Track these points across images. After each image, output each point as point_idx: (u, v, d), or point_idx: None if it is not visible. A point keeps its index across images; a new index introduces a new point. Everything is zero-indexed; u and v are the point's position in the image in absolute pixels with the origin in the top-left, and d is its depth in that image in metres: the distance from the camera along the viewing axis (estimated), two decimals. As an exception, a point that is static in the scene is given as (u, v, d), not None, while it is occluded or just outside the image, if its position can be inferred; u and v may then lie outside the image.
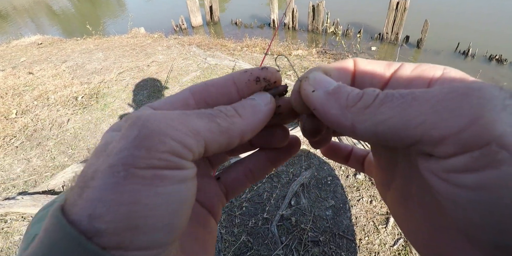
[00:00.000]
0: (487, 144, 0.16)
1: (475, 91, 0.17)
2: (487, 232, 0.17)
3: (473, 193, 0.16)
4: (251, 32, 8.47)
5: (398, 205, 0.28)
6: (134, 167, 0.18)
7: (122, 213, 0.17)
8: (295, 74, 4.30)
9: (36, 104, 3.90)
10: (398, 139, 0.19)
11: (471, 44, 6.33)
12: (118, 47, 5.98)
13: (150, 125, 0.19)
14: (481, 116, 0.16)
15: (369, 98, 0.21)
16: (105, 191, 0.18)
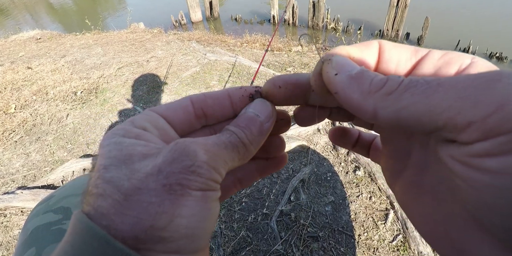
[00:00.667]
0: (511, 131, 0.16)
1: (504, 78, 0.17)
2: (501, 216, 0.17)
3: (495, 176, 0.17)
4: (251, 28, 8.44)
5: (407, 194, 0.28)
6: (189, 188, 0.22)
7: (183, 224, 0.22)
8: (294, 70, 4.29)
9: (35, 99, 3.89)
10: (420, 125, 0.20)
11: (472, 42, 6.32)
12: (117, 43, 5.95)
13: (201, 158, 0.23)
14: (508, 102, 0.16)
15: (393, 84, 0.21)
16: (164, 206, 0.21)
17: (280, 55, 5.23)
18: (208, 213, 0.24)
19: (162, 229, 0.21)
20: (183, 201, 0.22)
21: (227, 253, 1.81)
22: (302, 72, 4.22)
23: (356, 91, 0.22)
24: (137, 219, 0.21)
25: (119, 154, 0.24)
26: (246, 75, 4.13)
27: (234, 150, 0.27)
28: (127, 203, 0.21)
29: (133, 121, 0.27)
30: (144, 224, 0.21)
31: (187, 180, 0.22)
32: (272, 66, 4.45)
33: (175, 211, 0.22)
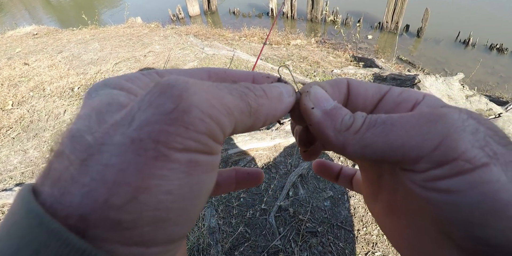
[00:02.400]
0: (455, 159, 0.20)
1: (441, 118, 0.21)
2: (459, 226, 0.20)
3: (446, 195, 0.20)
4: (249, 21, 8.37)
5: (385, 215, 0.31)
6: (168, 146, 0.16)
7: (150, 204, 0.15)
8: (293, 64, 4.26)
9: (32, 96, 3.86)
10: (382, 159, 0.23)
11: (472, 33, 6.26)
12: (114, 37, 5.90)
13: (189, 98, 0.17)
14: (446, 138, 0.20)
15: (358, 124, 0.24)
16: (126, 173, 0.15)
17: (279, 49, 5.18)
18: (194, 189, 0.17)
19: (120, 208, 0.14)
20: (156, 169, 0.15)
21: (225, 249, 1.81)
22: (301, 65, 4.19)
23: (329, 128, 0.25)
24: (88, 190, 0.14)
25: (97, 104, 0.19)
26: (245, 69, 4.10)
27: (242, 99, 0.21)
28: (83, 166, 0.15)
29: (130, 77, 0.22)
30: (96, 198, 0.14)
31: (165, 134, 0.16)
32: (270, 60, 4.42)
33: (142, 182, 0.15)
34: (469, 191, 0.19)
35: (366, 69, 4.01)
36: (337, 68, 4.14)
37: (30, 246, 0.13)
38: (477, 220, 0.19)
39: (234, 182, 0.35)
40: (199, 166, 0.17)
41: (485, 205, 0.19)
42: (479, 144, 0.20)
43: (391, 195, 0.29)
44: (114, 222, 0.14)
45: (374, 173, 0.32)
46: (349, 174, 0.41)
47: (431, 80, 3.19)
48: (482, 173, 0.19)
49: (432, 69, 5.31)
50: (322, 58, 4.68)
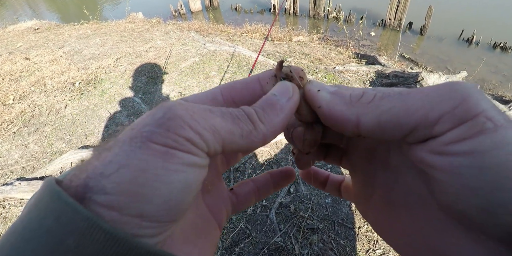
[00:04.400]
0: (476, 115, 0.20)
1: (460, 83, 0.22)
2: (481, 194, 0.19)
3: (468, 157, 0.19)
4: (251, 17, 8.32)
5: (380, 215, 0.31)
6: (151, 141, 0.20)
7: (129, 177, 0.19)
8: (295, 61, 4.24)
9: (33, 90, 3.85)
10: (399, 126, 0.22)
11: (476, 31, 6.22)
12: (115, 33, 5.88)
13: (175, 111, 0.21)
14: (468, 97, 0.20)
15: (370, 96, 0.24)
16: (119, 156, 0.19)
17: (281, 45, 5.16)
18: (168, 174, 0.20)
19: (107, 177, 0.19)
20: (138, 153, 0.19)
21: (225, 245, 1.81)
22: (303, 62, 4.16)
23: (339, 103, 0.25)
24: (93, 167, 0.19)
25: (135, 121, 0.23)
26: (246, 65, 4.08)
27: (234, 122, 0.23)
28: (98, 155, 0.20)
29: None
30: (95, 172, 0.19)
31: (151, 133, 0.20)
32: (272, 56, 4.40)
33: (124, 161, 0.19)
34: (492, 151, 0.19)
35: (369, 67, 3.99)
36: (339, 65, 4.12)
37: (53, 212, 0.18)
38: (501, 184, 0.18)
39: (272, 184, 0.38)
40: (176, 158, 0.20)
41: (509, 166, 0.18)
42: (497, 109, 0.20)
43: (387, 193, 0.29)
44: (102, 187, 0.19)
45: (366, 172, 0.32)
46: (337, 180, 0.41)
47: (434, 78, 3.17)
48: (505, 133, 0.19)
49: (435, 67, 5.27)
50: (324, 55, 4.65)
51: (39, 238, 0.17)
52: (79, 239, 0.17)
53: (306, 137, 0.30)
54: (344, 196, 0.40)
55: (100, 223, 0.17)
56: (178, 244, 0.25)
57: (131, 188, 0.19)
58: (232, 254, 1.76)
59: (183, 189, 0.21)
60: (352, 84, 3.60)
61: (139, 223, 0.19)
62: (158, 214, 0.20)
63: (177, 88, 3.69)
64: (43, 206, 0.19)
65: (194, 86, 3.71)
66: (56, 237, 0.17)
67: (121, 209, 0.18)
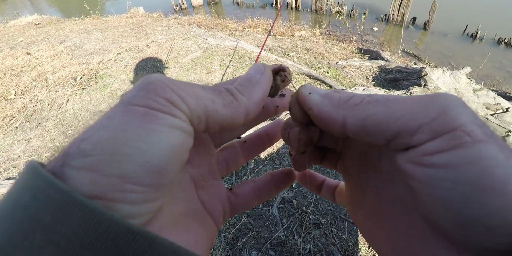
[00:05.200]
0: (454, 129, 0.20)
1: (443, 95, 0.22)
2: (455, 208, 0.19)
3: (443, 170, 0.20)
4: (253, 12, 8.27)
5: (369, 221, 0.31)
6: (130, 103, 0.20)
7: (108, 136, 0.18)
8: (297, 55, 4.21)
9: (35, 85, 3.84)
10: (381, 132, 0.23)
11: (480, 27, 6.16)
12: (116, 27, 5.85)
13: (155, 77, 0.22)
14: (448, 109, 0.21)
15: (358, 99, 0.25)
16: (100, 121, 0.20)
17: (283, 40, 5.13)
18: (150, 134, 0.19)
19: (86, 140, 0.18)
20: (119, 116, 0.19)
21: (228, 239, 1.81)
22: (305, 56, 4.14)
23: (328, 105, 0.26)
24: (75, 138, 0.20)
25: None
26: (248, 60, 4.06)
27: (215, 93, 0.25)
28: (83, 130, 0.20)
29: None
30: (76, 138, 0.19)
31: (134, 96, 0.20)
32: (274, 51, 4.37)
33: (105, 122, 0.19)
34: (467, 165, 0.19)
35: (372, 62, 3.96)
36: (342, 60, 4.09)
37: (30, 189, 0.18)
38: (474, 197, 0.18)
39: (273, 185, 0.38)
40: (157, 118, 0.20)
41: (484, 181, 0.18)
42: (478, 122, 0.20)
43: (375, 198, 0.30)
44: (81, 150, 0.18)
45: (359, 177, 0.33)
46: (332, 185, 0.41)
47: (438, 74, 3.14)
48: (481, 148, 0.19)
49: (438, 63, 5.23)
50: (327, 50, 4.62)
51: (14, 215, 0.17)
52: (56, 215, 0.16)
53: (301, 137, 0.31)
54: (337, 201, 0.40)
55: (77, 197, 0.17)
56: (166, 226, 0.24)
57: (110, 147, 0.18)
58: (235, 248, 1.76)
59: (166, 150, 0.20)
60: (355, 79, 3.58)
61: (121, 185, 0.18)
62: (141, 175, 0.19)
63: (179, 83, 3.68)
64: (21, 184, 0.18)
65: (195, 81, 3.69)
66: (33, 214, 0.17)
67: (102, 169, 0.18)
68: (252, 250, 1.74)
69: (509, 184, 0.18)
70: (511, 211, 0.18)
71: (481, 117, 2.51)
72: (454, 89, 2.94)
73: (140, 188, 0.19)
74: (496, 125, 2.40)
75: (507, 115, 2.50)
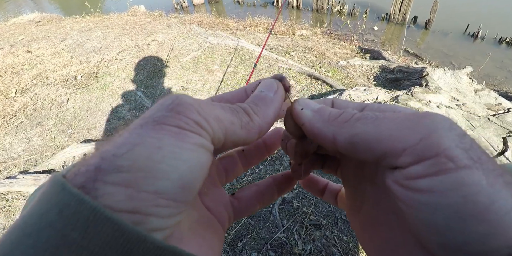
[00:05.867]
0: (436, 155, 0.20)
1: (430, 115, 0.22)
2: (437, 231, 0.19)
3: (426, 195, 0.20)
4: (254, 11, 8.24)
5: (364, 229, 0.32)
6: (163, 123, 0.20)
7: (145, 154, 0.19)
8: (298, 55, 4.20)
9: (35, 84, 3.84)
10: (369, 150, 0.23)
11: (481, 26, 6.14)
12: (117, 26, 5.84)
13: (183, 99, 0.22)
14: (433, 133, 0.20)
15: (348, 115, 0.26)
16: (131, 138, 0.20)
17: (284, 39, 5.11)
18: (183, 152, 0.20)
19: (120, 156, 0.19)
20: (152, 133, 0.20)
21: (228, 240, 1.81)
22: (306, 56, 4.13)
23: (319, 121, 0.27)
24: (103, 151, 0.19)
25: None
26: (249, 59, 4.05)
27: (233, 114, 0.26)
28: (106, 143, 0.20)
29: None
30: (107, 154, 0.19)
31: (163, 117, 0.21)
32: (275, 50, 4.36)
33: (139, 140, 0.19)
34: (449, 192, 0.19)
35: (373, 61, 3.95)
36: (343, 59, 4.08)
37: (57, 205, 0.17)
38: (456, 224, 0.18)
39: (275, 188, 0.38)
40: (188, 137, 0.21)
41: (465, 208, 0.18)
42: (463, 146, 0.20)
43: (372, 208, 0.30)
44: (116, 166, 0.18)
45: (358, 186, 0.33)
46: (335, 189, 0.42)
47: (439, 73, 3.13)
48: (464, 174, 0.19)
49: (440, 62, 5.22)
50: (328, 49, 4.61)
51: (40, 232, 0.16)
52: (84, 232, 0.16)
53: (297, 149, 0.32)
54: (339, 205, 0.41)
55: (106, 214, 0.17)
56: (187, 235, 0.25)
57: (148, 164, 0.19)
58: (235, 249, 1.76)
59: (196, 167, 0.21)
60: (356, 79, 3.57)
61: (156, 200, 0.19)
62: (174, 191, 0.20)
63: (180, 82, 3.67)
64: (46, 200, 0.18)
65: (196, 80, 3.69)
66: (60, 230, 0.16)
67: (138, 186, 0.18)
68: (253, 251, 1.74)
69: (491, 211, 0.18)
70: (493, 238, 0.18)
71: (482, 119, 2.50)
72: (456, 90, 2.93)
73: (173, 203, 0.20)
74: (497, 125, 2.39)
75: (508, 115, 2.49)
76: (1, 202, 2.25)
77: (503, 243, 0.18)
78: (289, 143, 0.33)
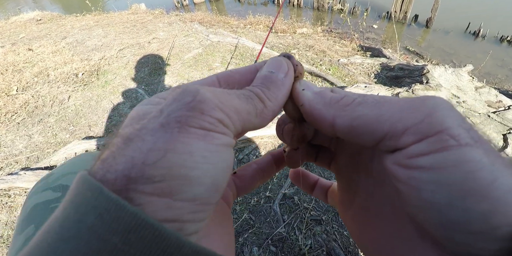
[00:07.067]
0: (439, 132, 0.20)
1: (432, 98, 0.22)
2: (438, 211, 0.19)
3: (428, 172, 0.20)
4: (254, 9, 8.24)
5: (358, 221, 0.32)
6: (188, 125, 0.20)
7: (178, 161, 0.18)
8: (299, 53, 4.20)
9: (37, 81, 3.85)
10: (370, 133, 0.23)
11: (482, 24, 6.13)
12: (118, 24, 5.84)
13: (204, 94, 0.21)
14: (435, 112, 0.21)
15: (349, 99, 0.25)
16: (158, 142, 0.19)
17: (285, 37, 5.11)
18: (213, 155, 0.20)
19: (152, 165, 0.18)
20: (180, 138, 0.19)
21: (229, 235, 1.81)
22: (307, 54, 4.13)
23: (319, 103, 0.27)
24: (129, 158, 0.18)
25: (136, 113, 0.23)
26: (250, 57, 4.05)
27: (248, 102, 0.25)
28: (125, 146, 0.19)
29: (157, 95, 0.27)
30: (135, 162, 0.18)
31: (186, 117, 0.20)
32: (276, 48, 4.36)
33: (169, 146, 0.19)
34: (452, 168, 0.19)
35: (373, 59, 3.95)
36: (343, 57, 4.08)
37: (95, 209, 0.17)
38: (458, 201, 0.18)
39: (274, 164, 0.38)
40: (214, 139, 0.20)
41: (467, 184, 0.18)
42: (465, 126, 0.20)
43: (366, 200, 0.30)
44: (149, 176, 0.18)
45: (351, 178, 0.33)
46: (325, 185, 0.42)
47: (440, 71, 3.14)
48: (466, 151, 0.19)
49: (440, 61, 5.21)
50: (329, 47, 4.61)
51: (79, 236, 0.17)
52: (125, 237, 0.17)
53: (295, 133, 0.32)
54: (329, 201, 0.41)
55: (148, 220, 0.17)
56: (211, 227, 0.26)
57: (182, 172, 0.18)
58: (236, 244, 1.77)
59: (225, 169, 0.21)
60: (357, 76, 3.57)
61: (193, 207, 0.19)
62: (209, 196, 0.20)
63: (181, 80, 3.67)
64: (82, 203, 0.18)
65: (197, 77, 3.69)
66: (100, 235, 0.16)
67: (174, 194, 0.18)
68: (254, 246, 1.75)
69: (493, 188, 0.18)
70: (494, 216, 0.18)
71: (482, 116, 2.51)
72: (456, 87, 2.93)
73: (207, 206, 0.20)
74: (498, 123, 2.39)
75: (509, 113, 2.49)
76: (3, 197, 2.26)
77: (504, 221, 0.18)
78: (286, 127, 0.32)
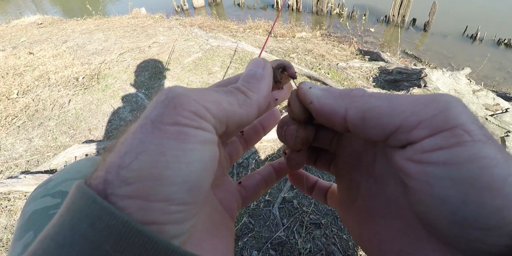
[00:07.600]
0: (454, 126, 0.20)
1: (445, 94, 0.22)
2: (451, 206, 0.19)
3: (442, 168, 0.20)
4: (254, 13, 8.29)
5: (360, 222, 0.31)
6: (161, 123, 0.20)
7: (148, 162, 0.19)
8: (298, 57, 4.22)
9: (37, 85, 3.86)
10: (382, 125, 0.23)
11: (480, 28, 6.17)
12: (118, 28, 5.87)
13: (176, 91, 0.22)
14: (449, 108, 0.21)
15: (360, 92, 0.26)
16: (133, 144, 0.19)
17: (284, 41, 5.14)
18: (186, 154, 0.20)
19: (126, 167, 0.18)
20: (151, 138, 0.19)
21: (229, 238, 1.82)
22: (306, 58, 4.15)
23: (329, 97, 0.27)
24: (108, 162, 0.19)
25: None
26: (249, 61, 4.07)
27: (228, 95, 0.26)
28: (112, 151, 0.20)
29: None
30: (112, 165, 0.19)
31: (160, 115, 0.20)
32: (275, 53, 4.38)
33: (140, 147, 0.19)
34: (466, 164, 0.19)
35: (372, 63, 3.98)
36: (342, 61, 4.11)
37: (88, 217, 0.18)
38: (472, 197, 0.18)
39: (275, 174, 0.40)
40: (190, 136, 0.20)
41: (482, 180, 0.18)
42: (478, 123, 0.20)
43: (368, 200, 0.30)
44: (123, 178, 0.18)
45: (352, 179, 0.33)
46: (324, 186, 0.41)
47: (438, 74, 3.16)
48: (480, 147, 0.19)
49: (438, 64, 5.24)
50: (327, 51, 4.64)
51: (72, 243, 0.17)
52: (116, 244, 0.17)
53: (298, 134, 0.31)
54: (329, 203, 0.41)
55: (138, 227, 0.17)
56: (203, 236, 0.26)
57: (152, 173, 0.18)
58: (236, 248, 1.77)
59: (201, 167, 0.21)
60: (355, 80, 3.59)
61: (167, 208, 0.19)
62: (183, 196, 0.19)
63: (180, 84, 3.69)
64: (76, 210, 0.18)
65: (197, 82, 3.71)
66: (93, 242, 0.17)
67: (147, 195, 0.18)
68: (253, 250, 1.76)
69: (507, 184, 0.18)
70: (506, 212, 0.18)
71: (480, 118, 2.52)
72: (454, 90, 2.95)
73: (183, 207, 0.20)
74: (495, 125, 2.41)
75: (506, 115, 2.51)
76: (3, 201, 2.26)
77: None
78: (288, 129, 0.32)
